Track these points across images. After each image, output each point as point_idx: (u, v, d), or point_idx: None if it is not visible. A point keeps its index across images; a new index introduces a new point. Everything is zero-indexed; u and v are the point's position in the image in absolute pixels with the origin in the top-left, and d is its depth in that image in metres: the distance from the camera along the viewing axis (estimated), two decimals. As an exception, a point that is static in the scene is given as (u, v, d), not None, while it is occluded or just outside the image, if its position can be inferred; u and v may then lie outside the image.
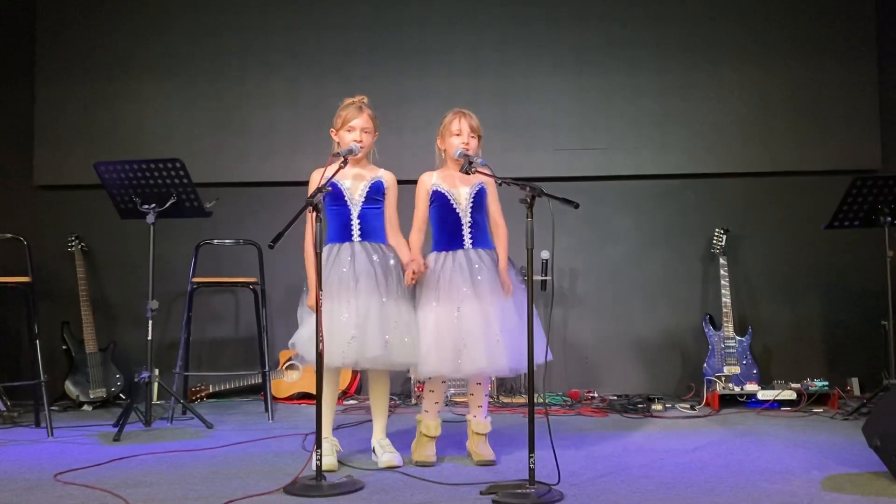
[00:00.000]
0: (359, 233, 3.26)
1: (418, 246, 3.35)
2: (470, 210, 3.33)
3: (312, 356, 2.98)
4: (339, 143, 3.31)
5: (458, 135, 3.31)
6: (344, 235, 3.26)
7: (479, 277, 3.23)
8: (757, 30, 5.25)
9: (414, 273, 3.22)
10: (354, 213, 3.27)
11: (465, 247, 3.31)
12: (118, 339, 5.07)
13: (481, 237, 3.34)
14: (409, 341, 3.17)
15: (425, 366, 3.18)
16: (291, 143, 5.25)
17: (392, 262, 3.26)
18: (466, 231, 3.32)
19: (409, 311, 3.23)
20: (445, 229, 3.34)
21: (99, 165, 4.10)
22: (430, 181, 3.38)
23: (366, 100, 3.35)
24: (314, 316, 2.97)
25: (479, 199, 3.35)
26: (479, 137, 3.35)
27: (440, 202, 3.34)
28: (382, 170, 3.39)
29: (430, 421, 3.32)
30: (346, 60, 5.29)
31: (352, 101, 3.32)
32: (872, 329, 4.74)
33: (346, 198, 3.27)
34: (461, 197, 3.34)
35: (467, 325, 3.17)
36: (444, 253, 3.31)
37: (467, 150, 3.28)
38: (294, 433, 3.91)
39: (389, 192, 3.36)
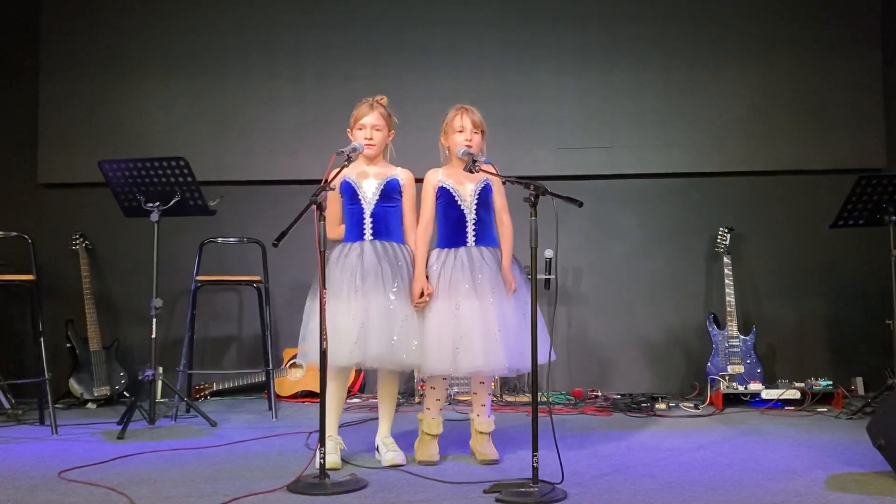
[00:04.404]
0: (371, 231, 3.26)
1: (425, 244, 3.33)
2: (475, 207, 3.32)
3: (313, 355, 3.01)
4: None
5: (460, 131, 3.30)
6: (357, 234, 3.27)
7: (479, 275, 3.22)
8: (761, 28, 5.23)
9: (421, 294, 3.20)
10: (367, 211, 3.27)
11: (467, 244, 3.30)
12: (122, 336, 5.08)
13: (485, 235, 3.33)
14: (418, 342, 3.17)
15: (425, 364, 3.18)
16: (295, 141, 5.26)
17: (402, 261, 3.25)
18: (470, 228, 3.31)
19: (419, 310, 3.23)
20: (449, 226, 3.33)
21: (103, 164, 4.10)
22: (436, 178, 3.36)
23: (383, 99, 3.34)
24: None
25: (484, 196, 3.33)
26: (483, 132, 3.33)
27: (445, 199, 3.33)
28: (399, 168, 3.38)
29: (431, 418, 3.32)
30: (350, 59, 5.28)
31: (366, 100, 3.32)
32: (877, 328, 4.71)
33: (359, 196, 3.28)
34: (466, 194, 3.32)
35: (465, 322, 3.16)
36: (446, 250, 3.31)
37: (470, 146, 3.26)
38: (298, 431, 3.91)
39: (406, 190, 3.35)
